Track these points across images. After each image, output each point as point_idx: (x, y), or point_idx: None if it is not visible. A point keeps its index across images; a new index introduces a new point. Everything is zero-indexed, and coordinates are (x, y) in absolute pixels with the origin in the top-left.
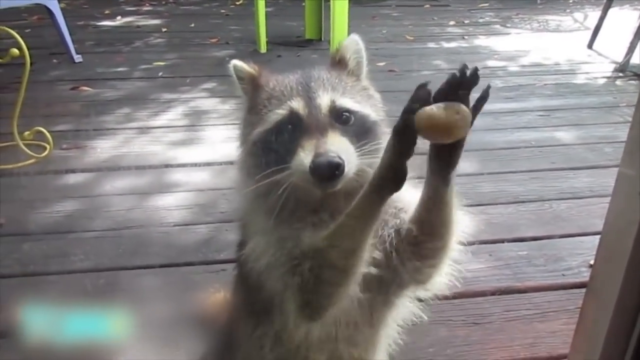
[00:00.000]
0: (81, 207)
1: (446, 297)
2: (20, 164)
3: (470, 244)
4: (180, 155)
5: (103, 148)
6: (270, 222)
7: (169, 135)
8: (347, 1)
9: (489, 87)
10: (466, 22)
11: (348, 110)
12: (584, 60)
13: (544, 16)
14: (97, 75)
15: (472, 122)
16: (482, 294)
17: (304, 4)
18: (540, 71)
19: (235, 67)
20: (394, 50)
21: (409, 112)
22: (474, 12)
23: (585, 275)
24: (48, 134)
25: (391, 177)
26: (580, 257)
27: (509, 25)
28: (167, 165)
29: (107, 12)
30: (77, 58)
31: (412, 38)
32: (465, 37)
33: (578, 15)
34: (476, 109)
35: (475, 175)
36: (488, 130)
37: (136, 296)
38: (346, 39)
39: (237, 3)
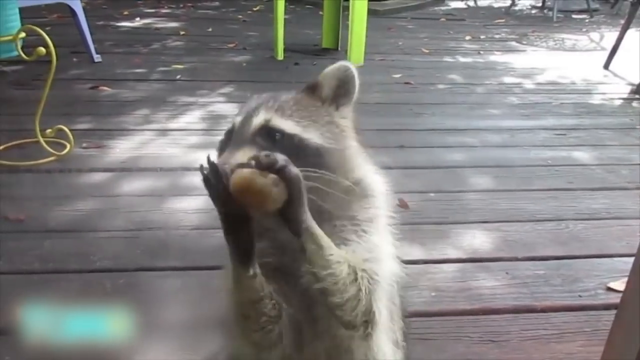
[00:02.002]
0: (100, 207)
1: (463, 313)
2: (41, 161)
3: (487, 260)
4: (198, 158)
5: (122, 148)
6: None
7: (187, 139)
8: (365, 12)
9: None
10: (482, 37)
11: (280, 131)
12: (600, 81)
13: (560, 35)
14: (116, 75)
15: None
16: (499, 311)
17: (321, 12)
18: (556, 90)
19: None
20: (410, 62)
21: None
22: (490, 27)
23: (602, 298)
24: (69, 132)
25: (234, 255)
26: (597, 278)
27: (524, 42)
28: (185, 169)
29: (125, 13)
30: (97, 58)
31: (428, 51)
32: (481, 52)
33: (594, 35)
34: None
35: (491, 192)
36: (504, 147)
37: (156, 297)
38: (332, 65)
39: (254, 9)
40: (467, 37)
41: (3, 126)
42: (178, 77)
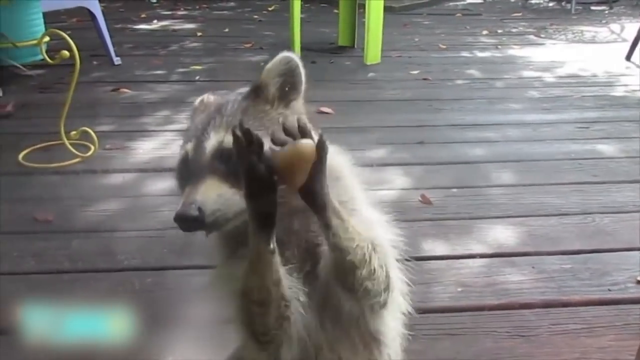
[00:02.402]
0: (125, 207)
1: (490, 308)
2: (66, 163)
3: (513, 255)
4: None
5: (144, 149)
6: (217, 255)
7: None
8: (382, 9)
9: (321, 136)
10: (499, 31)
11: None
12: (622, 73)
13: (579, 27)
14: (136, 77)
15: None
16: (527, 306)
17: (336, 10)
18: (577, 82)
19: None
20: (427, 58)
21: (242, 156)
22: (507, 21)
23: (632, 291)
24: (94, 134)
25: (258, 221)
26: (626, 272)
27: (543, 35)
28: None
29: (143, 15)
30: (117, 60)
31: (444, 47)
32: (499, 46)
33: (615, 27)
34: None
35: (514, 186)
36: (526, 142)
37: (183, 295)
38: (272, 60)
39: (269, 9)
40: (484, 32)
41: (29, 129)
42: (197, 77)
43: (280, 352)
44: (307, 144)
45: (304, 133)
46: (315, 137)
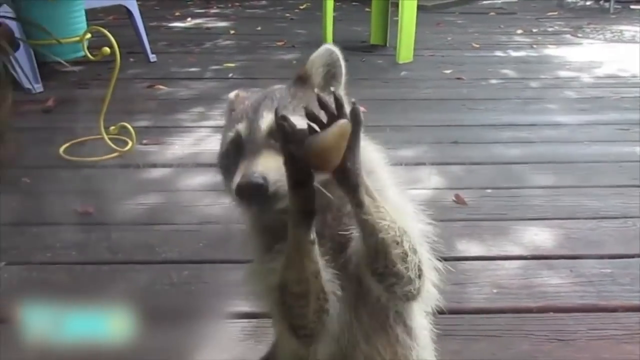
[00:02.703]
0: (163, 201)
1: (528, 310)
2: (105, 157)
3: (550, 257)
4: None
5: (180, 144)
6: (257, 250)
7: None
8: (415, 8)
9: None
10: (534, 30)
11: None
12: None
13: (618, 26)
14: (171, 74)
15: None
16: (565, 310)
17: (368, 9)
18: (616, 83)
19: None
20: (461, 57)
21: (290, 140)
22: (543, 20)
23: None
24: (132, 129)
25: (297, 210)
26: None
27: (580, 35)
28: None
29: (177, 13)
30: (152, 57)
31: (478, 46)
32: (534, 46)
33: None
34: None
35: (551, 188)
36: (563, 143)
37: (219, 289)
38: (316, 51)
39: (301, 7)
40: (519, 31)
41: (69, 124)
42: (230, 75)
43: (317, 347)
44: (343, 124)
45: (339, 106)
46: (348, 109)
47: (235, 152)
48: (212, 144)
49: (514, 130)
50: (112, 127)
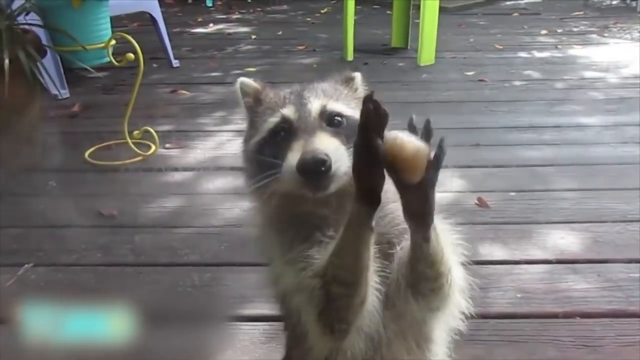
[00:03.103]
0: (185, 204)
1: (554, 316)
2: (129, 161)
3: (576, 261)
4: None
5: (202, 148)
6: (280, 245)
7: None
8: (437, 10)
9: (442, 140)
10: (559, 31)
11: (339, 114)
12: None
13: None
14: (194, 79)
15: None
16: (592, 315)
17: (389, 12)
18: None
19: (242, 83)
20: (483, 59)
21: (367, 129)
22: (567, 20)
23: None
24: (155, 134)
25: (359, 197)
26: None
27: (606, 34)
28: None
29: (199, 20)
30: (175, 63)
31: (501, 47)
32: (559, 46)
33: None
34: (437, 161)
35: (576, 191)
36: (589, 145)
37: (240, 291)
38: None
39: (322, 12)
40: (543, 32)
41: (94, 128)
42: (252, 79)
43: (347, 346)
44: (425, 148)
45: (427, 132)
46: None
47: (283, 135)
48: (233, 148)
49: (537, 132)
50: (136, 132)
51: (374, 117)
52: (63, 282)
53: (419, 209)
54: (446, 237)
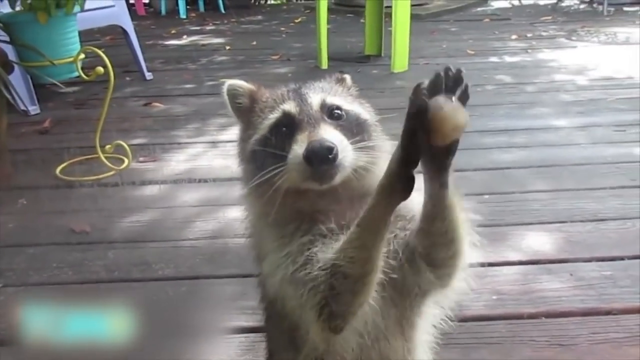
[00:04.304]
0: (159, 217)
1: (529, 316)
2: (102, 176)
3: (549, 262)
4: None
5: (176, 161)
6: (279, 239)
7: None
8: (408, 17)
9: (467, 87)
10: (529, 35)
11: (339, 107)
12: None
13: (612, 28)
14: (167, 91)
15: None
16: (566, 314)
17: (362, 20)
18: (612, 85)
19: (231, 86)
20: (456, 65)
21: (416, 116)
22: (537, 25)
23: None
24: (127, 148)
25: (399, 185)
26: None
27: (574, 38)
28: (237, 179)
29: (173, 31)
30: (148, 75)
31: (473, 52)
32: (529, 50)
33: None
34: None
35: (548, 192)
36: (559, 146)
37: (217, 304)
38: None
39: (296, 21)
40: (514, 37)
41: (65, 144)
42: (222, 88)
43: (341, 340)
44: (464, 122)
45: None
46: None
47: (284, 130)
48: (208, 159)
49: (509, 135)
50: (108, 146)
51: (424, 106)
52: (34, 302)
53: (441, 158)
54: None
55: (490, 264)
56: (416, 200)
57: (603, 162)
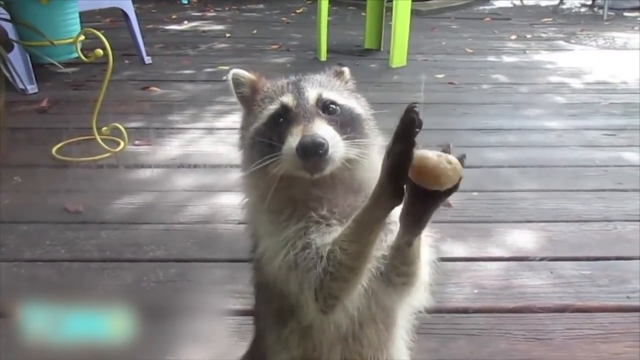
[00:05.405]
0: (152, 201)
1: (506, 311)
2: (97, 157)
3: (531, 259)
4: None
5: (172, 146)
6: (275, 223)
7: (233, 137)
8: (409, 13)
9: (464, 156)
10: (528, 36)
11: (334, 102)
12: None
13: (611, 33)
14: (166, 76)
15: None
16: (543, 310)
17: (364, 13)
18: (606, 89)
19: (235, 74)
20: (453, 62)
21: (406, 135)
22: (537, 26)
23: None
24: (124, 130)
25: (389, 194)
26: None
27: (572, 41)
28: (231, 165)
29: (174, 16)
30: (147, 60)
31: (472, 51)
32: (527, 51)
33: None
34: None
35: (536, 192)
36: (550, 147)
37: (205, 287)
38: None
39: (298, 11)
40: (513, 37)
41: (62, 124)
42: (224, 78)
43: (333, 320)
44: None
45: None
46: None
47: (282, 122)
48: (203, 145)
49: (502, 134)
50: (105, 128)
51: (415, 125)
52: (25, 278)
53: (419, 216)
54: (425, 238)
55: (474, 259)
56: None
57: (591, 165)
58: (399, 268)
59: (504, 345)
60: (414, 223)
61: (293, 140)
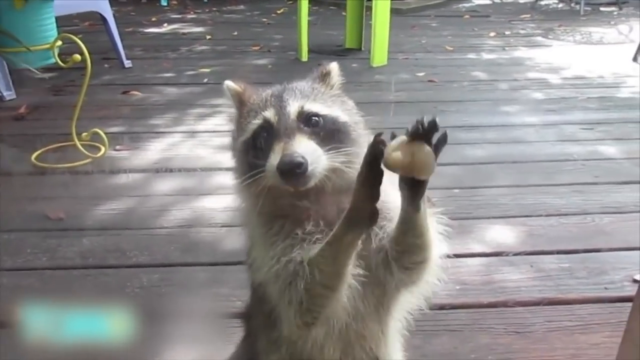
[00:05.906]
0: (134, 206)
1: (487, 306)
2: (77, 163)
3: (511, 254)
4: (225, 159)
5: (153, 150)
6: (264, 237)
7: (214, 140)
8: (388, 11)
9: (445, 133)
10: (507, 33)
11: (316, 114)
12: (629, 74)
13: (588, 28)
14: (146, 80)
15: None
16: (524, 303)
17: (344, 13)
18: (583, 84)
19: (227, 86)
20: (434, 60)
21: (371, 163)
22: (515, 23)
23: (628, 290)
24: (104, 135)
25: (363, 216)
26: (623, 271)
27: (550, 37)
28: (213, 169)
29: (153, 19)
30: (127, 63)
31: (451, 48)
32: (506, 48)
33: (623, 28)
34: (437, 149)
35: (515, 187)
36: (529, 143)
37: (189, 291)
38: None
39: (278, 12)
40: (492, 34)
41: (41, 130)
42: (205, 80)
43: (314, 334)
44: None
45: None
46: None
47: (265, 136)
48: (185, 149)
49: (482, 131)
50: (85, 134)
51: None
52: (7, 287)
53: (414, 188)
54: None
55: (456, 256)
56: (394, 199)
57: (569, 159)
58: (413, 242)
59: (486, 340)
60: (411, 194)
61: (274, 158)
